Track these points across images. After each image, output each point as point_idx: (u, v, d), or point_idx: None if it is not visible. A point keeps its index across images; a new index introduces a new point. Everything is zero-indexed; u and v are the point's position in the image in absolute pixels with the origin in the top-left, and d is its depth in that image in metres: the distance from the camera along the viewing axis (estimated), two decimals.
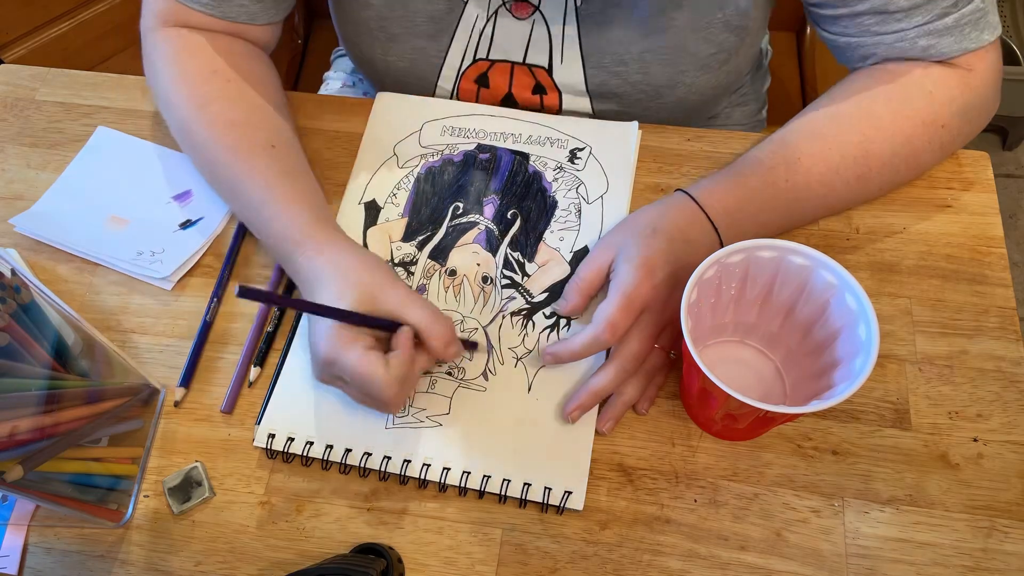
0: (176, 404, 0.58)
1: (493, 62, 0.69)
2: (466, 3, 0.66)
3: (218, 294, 0.62)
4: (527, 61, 0.69)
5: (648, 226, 0.56)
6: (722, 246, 0.55)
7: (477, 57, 0.69)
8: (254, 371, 0.58)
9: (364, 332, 0.51)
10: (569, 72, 0.68)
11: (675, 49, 0.65)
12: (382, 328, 0.52)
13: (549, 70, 0.69)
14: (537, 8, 0.65)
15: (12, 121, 0.72)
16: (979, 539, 0.51)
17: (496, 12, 0.66)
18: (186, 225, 0.64)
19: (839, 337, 0.50)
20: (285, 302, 0.50)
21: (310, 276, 0.54)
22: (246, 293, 0.45)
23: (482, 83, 0.71)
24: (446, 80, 0.71)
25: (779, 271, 0.51)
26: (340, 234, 0.57)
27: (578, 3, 0.64)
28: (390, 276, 0.54)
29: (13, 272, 0.47)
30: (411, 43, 0.69)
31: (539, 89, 0.70)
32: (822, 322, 0.51)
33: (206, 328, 0.60)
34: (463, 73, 0.71)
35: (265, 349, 0.59)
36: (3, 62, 0.79)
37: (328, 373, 0.52)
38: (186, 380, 0.59)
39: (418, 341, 0.52)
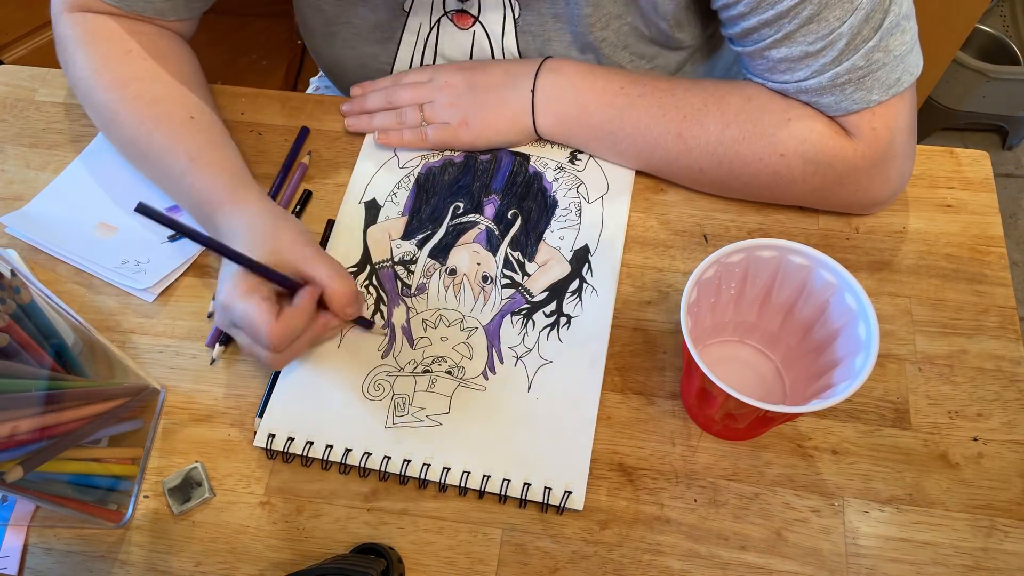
0: (208, 316, 0.60)
1: None
2: (408, 12, 0.66)
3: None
4: None
5: None
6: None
7: (424, 62, 0.69)
8: (217, 348, 0.59)
9: (265, 285, 0.52)
10: None
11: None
12: (286, 285, 0.52)
13: None
14: (477, 19, 0.65)
15: (12, 122, 0.72)
16: (979, 538, 0.51)
17: (439, 21, 0.66)
18: (174, 238, 0.64)
19: (839, 337, 0.49)
20: (187, 230, 0.47)
21: (226, 233, 0.55)
22: (145, 210, 0.44)
23: None
24: None
25: (779, 271, 0.51)
26: (259, 195, 0.58)
27: (516, 16, 0.64)
28: (301, 235, 0.55)
29: (13, 272, 0.47)
30: (360, 48, 0.70)
31: None
32: (822, 322, 0.51)
33: None
34: None
35: None
36: (3, 62, 0.79)
37: (225, 317, 0.52)
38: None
39: (326, 306, 0.53)
